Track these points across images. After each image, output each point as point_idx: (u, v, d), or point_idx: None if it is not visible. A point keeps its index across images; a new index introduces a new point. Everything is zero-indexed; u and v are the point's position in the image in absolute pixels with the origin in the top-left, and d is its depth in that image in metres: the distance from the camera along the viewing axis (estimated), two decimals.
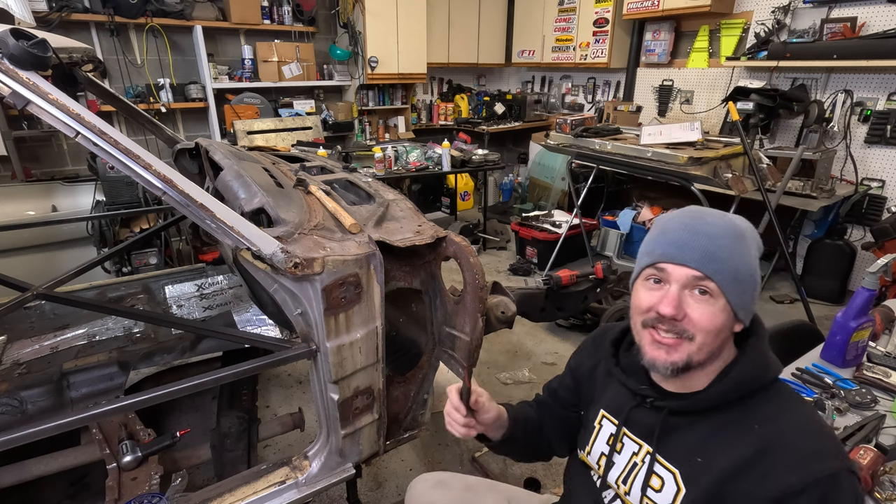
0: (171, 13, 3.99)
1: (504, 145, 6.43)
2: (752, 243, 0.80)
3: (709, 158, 2.80)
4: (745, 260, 0.79)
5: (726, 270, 0.78)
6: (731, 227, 0.80)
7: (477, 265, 1.40)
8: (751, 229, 0.82)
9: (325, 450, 1.40)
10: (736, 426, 0.79)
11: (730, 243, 0.78)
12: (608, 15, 4.83)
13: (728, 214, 0.83)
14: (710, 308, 0.78)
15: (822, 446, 0.75)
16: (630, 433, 0.91)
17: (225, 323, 2.06)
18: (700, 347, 0.79)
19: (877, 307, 1.64)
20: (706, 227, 0.80)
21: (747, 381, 0.79)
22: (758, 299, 0.82)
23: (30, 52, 0.95)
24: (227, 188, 1.44)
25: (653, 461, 0.85)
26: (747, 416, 0.79)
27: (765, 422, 0.77)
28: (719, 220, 0.81)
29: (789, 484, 0.72)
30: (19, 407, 1.58)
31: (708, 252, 0.78)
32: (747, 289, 0.79)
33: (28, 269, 2.69)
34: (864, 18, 3.35)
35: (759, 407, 0.79)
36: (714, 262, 0.77)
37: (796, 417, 0.78)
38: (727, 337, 0.81)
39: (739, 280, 0.78)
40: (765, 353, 0.82)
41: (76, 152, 3.99)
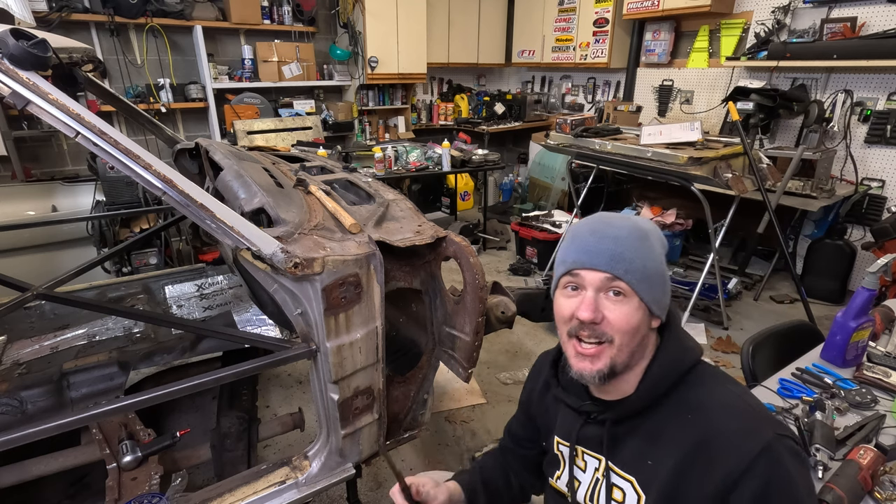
0: (171, 13, 3.99)
1: (504, 145, 6.43)
2: (655, 242, 0.83)
3: (709, 158, 2.80)
4: (651, 257, 0.82)
5: (635, 269, 0.80)
6: (634, 228, 0.83)
7: (477, 265, 1.40)
8: (654, 229, 0.85)
9: (325, 450, 1.40)
10: (673, 420, 0.81)
11: (635, 243, 0.81)
12: (608, 15, 4.83)
13: (631, 217, 0.88)
14: (625, 308, 0.80)
15: (748, 422, 0.77)
16: (587, 450, 0.91)
17: (225, 323, 2.06)
18: (620, 348, 0.80)
19: (877, 307, 1.64)
20: (611, 230, 0.83)
21: (668, 372, 0.82)
22: (668, 294, 0.84)
23: (30, 52, 0.95)
24: (227, 188, 1.44)
25: (608, 473, 0.87)
26: (680, 407, 0.81)
27: (696, 409, 0.80)
28: (623, 223, 0.84)
29: (730, 470, 0.73)
30: (19, 407, 1.58)
31: (615, 254, 0.80)
32: (657, 285, 0.82)
33: (28, 269, 2.68)
34: (864, 18, 3.35)
35: (688, 395, 0.81)
36: (622, 263, 0.80)
37: (721, 397, 0.80)
38: (646, 335, 0.83)
39: (648, 277, 0.81)
40: (680, 340, 0.84)
41: (76, 152, 3.99)
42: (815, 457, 1.08)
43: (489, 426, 2.37)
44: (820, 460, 1.07)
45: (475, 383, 2.66)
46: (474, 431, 2.34)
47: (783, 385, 1.38)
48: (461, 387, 2.61)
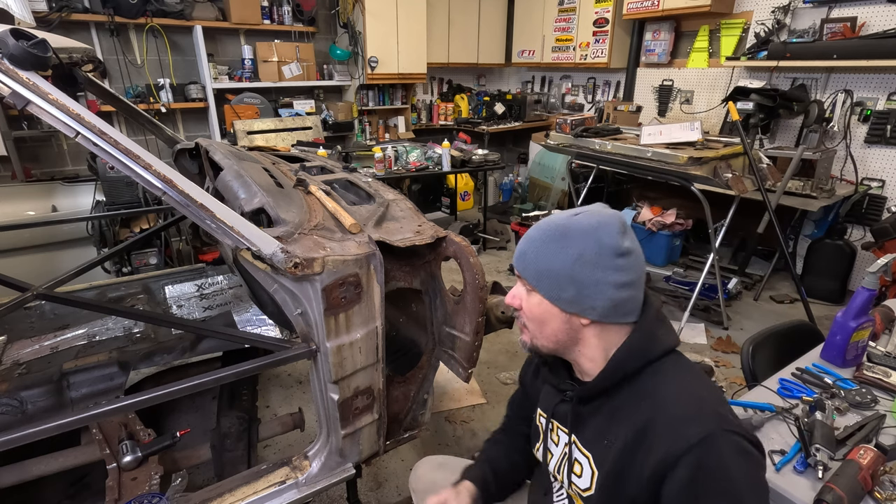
0: (171, 13, 3.99)
1: (504, 145, 6.43)
2: (573, 243, 0.83)
3: (709, 158, 2.80)
4: (556, 258, 0.84)
5: (530, 269, 0.87)
6: (550, 229, 0.86)
7: (477, 265, 1.40)
8: (582, 230, 0.83)
9: (325, 450, 1.40)
10: (629, 403, 0.84)
11: (538, 245, 0.86)
12: (608, 15, 4.83)
13: (564, 216, 0.87)
14: (531, 300, 0.89)
15: (695, 413, 0.77)
16: (560, 425, 0.97)
17: (225, 323, 2.06)
18: (535, 335, 0.90)
19: (877, 307, 1.64)
20: (532, 231, 0.90)
21: (627, 359, 0.84)
22: (589, 294, 0.83)
23: (30, 52, 0.95)
24: (227, 188, 1.44)
25: (571, 448, 0.93)
26: (638, 392, 0.83)
27: (649, 395, 0.82)
28: (544, 224, 0.88)
29: (663, 456, 0.75)
30: (19, 407, 1.58)
31: (520, 253, 0.90)
32: (562, 285, 0.84)
33: (28, 269, 2.69)
34: (864, 18, 3.35)
35: (647, 382, 0.83)
36: (522, 262, 0.89)
37: (677, 386, 0.82)
38: (571, 328, 0.86)
39: (545, 278, 0.85)
40: (648, 331, 0.85)
41: (76, 152, 3.99)
42: (815, 457, 1.08)
43: (489, 426, 2.37)
44: (820, 460, 1.07)
45: (475, 383, 2.66)
46: (474, 431, 2.34)
47: (783, 385, 1.38)
48: (461, 387, 2.61)
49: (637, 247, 0.85)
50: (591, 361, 0.88)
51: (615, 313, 0.84)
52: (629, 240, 0.83)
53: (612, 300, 0.83)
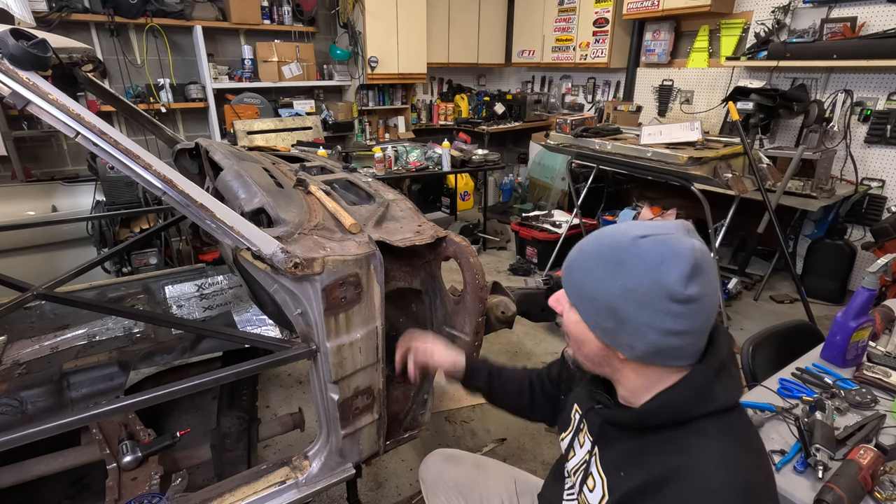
0: (171, 13, 3.99)
1: (504, 145, 6.43)
2: (625, 273, 0.71)
3: (709, 158, 2.80)
4: (601, 284, 0.73)
5: (572, 285, 0.79)
6: (605, 247, 0.75)
7: (477, 265, 1.40)
8: (641, 261, 0.70)
9: (325, 450, 1.40)
10: (657, 451, 0.76)
11: (587, 262, 0.77)
12: (608, 15, 4.83)
13: (628, 235, 0.73)
14: (570, 315, 0.81)
15: (717, 488, 0.68)
16: (588, 432, 0.93)
17: (225, 323, 2.06)
18: (574, 349, 0.84)
19: (877, 307, 1.64)
20: (587, 242, 0.79)
21: (669, 407, 0.75)
22: (632, 334, 0.72)
23: (30, 52, 0.95)
24: (227, 188, 1.44)
25: (590, 462, 0.88)
26: (671, 444, 0.75)
27: (681, 453, 0.73)
28: (602, 238, 0.77)
29: None
30: (19, 407, 1.58)
31: (568, 263, 0.81)
32: (602, 314, 0.74)
33: (28, 269, 2.69)
34: (864, 18, 3.35)
35: (686, 438, 0.74)
36: (567, 274, 0.80)
37: (715, 456, 0.71)
38: (606, 356, 0.78)
39: (586, 300, 0.76)
40: (702, 384, 0.74)
41: (76, 152, 3.99)
42: (815, 457, 1.08)
43: (489, 426, 2.37)
44: (820, 460, 1.07)
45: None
46: (474, 431, 2.34)
47: (783, 385, 1.38)
48: (461, 387, 2.61)
49: (707, 293, 0.70)
50: (628, 391, 0.81)
51: (657, 357, 0.74)
52: (698, 285, 0.68)
53: (654, 345, 0.72)
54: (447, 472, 1.30)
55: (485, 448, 2.21)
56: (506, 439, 2.27)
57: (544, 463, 2.13)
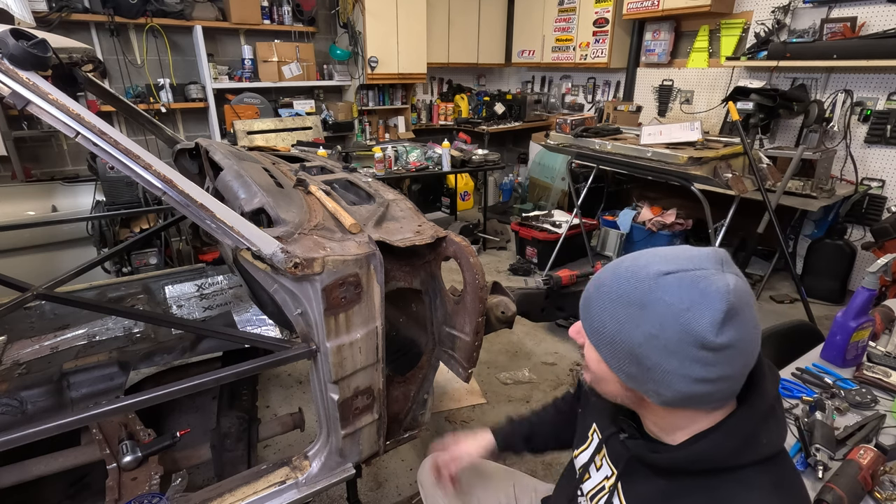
0: (171, 13, 3.99)
1: (504, 145, 6.43)
2: (649, 318, 0.64)
3: (709, 158, 2.80)
4: (623, 327, 0.66)
5: (590, 324, 0.72)
6: (627, 287, 0.67)
7: (477, 265, 1.40)
8: (666, 306, 0.63)
9: (325, 450, 1.40)
10: (695, 498, 0.70)
11: (606, 301, 0.69)
12: (608, 15, 4.83)
13: (651, 271, 0.65)
14: (590, 353, 0.74)
15: None
16: (608, 456, 0.88)
17: (225, 323, 2.06)
18: (593, 381, 0.77)
19: (877, 307, 1.64)
20: (606, 275, 0.71)
21: (711, 456, 0.68)
22: (658, 381, 0.66)
23: (30, 52, 0.95)
24: (227, 188, 1.44)
25: (613, 494, 0.82)
26: (707, 492, 0.69)
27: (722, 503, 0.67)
28: (623, 274, 0.68)
29: None
30: (19, 407, 1.58)
31: (586, 298, 0.73)
32: (623, 359, 0.68)
33: (28, 269, 2.69)
34: (864, 18, 3.35)
35: (727, 486, 0.68)
36: (585, 310, 0.73)
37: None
38: (631, 397, 0.73)
39: (606, 342, 0.69)
40: (749, 433, 0.68)
41: (76, 152, 3.99)
42: (815, 457, 1.08)
43: (489, 426, 2.36)
44: (820, 460, 1.07)
45: (475, 383, 2.66)
46: (474, 431, 2.33)
47: (783, 385, 1.38)
48: (461, 387, 2.61)
49: (743, 337, 0.62)
50: (656, 427, 0.75)
51: (689, 403, 0.67)
52: (732, 330, 0.61)
53: (684, 393, 0.65)
54: None
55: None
56: None
57: (544, 463, 2.13)
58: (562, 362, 2.88)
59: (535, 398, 2.56)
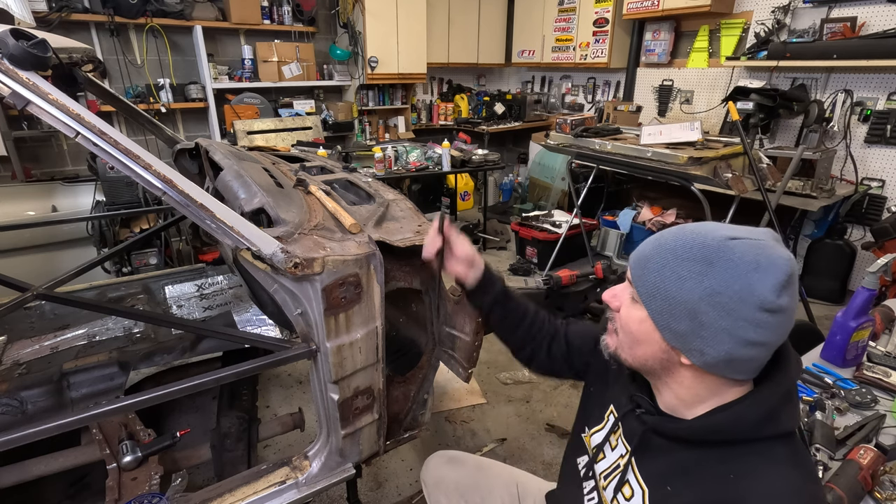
0: (171, 13, 3.99)
1: (504, 145, 6.43)
2: (715, 275, 0.67)
3: (709, 158, 2.80)
4: (685, 283, 0.69)
5: (647, 281, 0.74)
6: (693, 245, 0.70)
7: None
8: (734, 264, 0.67)
9: (325, 450, 1.40)
10: (712, 469, 0.72)
11: (670, 258, 0.71)
12: (608, 15, 4.83)
13: (718, 234, 0.70)
14: (632, 312, 0.77)
15: None
16: (623, 434, 0.89)
17: (225, 323, 2.06)
18: (621, 345, 0.80)
19: (877, 307, 1.64)
20: (667, 236, 0.74)
21: (735, 425, 0.71)
22: (706, 340, 0.69)
23: (30, 52, 0.95)
24: (227, 188, 1.44)
25: (627, 470, 0.84)
26: (728, 463, 0.71)
27: (744, 476, 0.69)
28: (689, 234, 0.72)
29: None
30: (19, 407, 1.58)
31: (642, 257, 0.76)
32: (678, 315, 0.70)
33: (28, 269, 2.69)
34: (864, 18, 3.35)
35: (745, 458, 0.71)
36: (640, 268, 0.75)
37: (779, 485, 0.68)
38: (670, 361, 0.75)
39: (661, 298, 0.72)
40: (771, 406, 0.71)
41: (76, 152, 3.99)
42: (815, 457, 1.08)
43: (489, 426, 2.37)
44: (820, 460, 1.07)
45: (475, 383, 2.66)
46: (474, 431, 2.34)
47: None
48: (461, 387, 2.61)
49: (793, 306, 0.68)
50: (676, 398, 0.77)
51: (725, 368, 0.70)
52: (787, 297, 0.66)
53: (728, 354, 0.68)
54: (448, 475, 1.29)
55: (485, 448, 2.21)
56: (506, 439, 2.27)
57: (544, 463, 2.13)
58: None
59: (535, 398, 2.57)
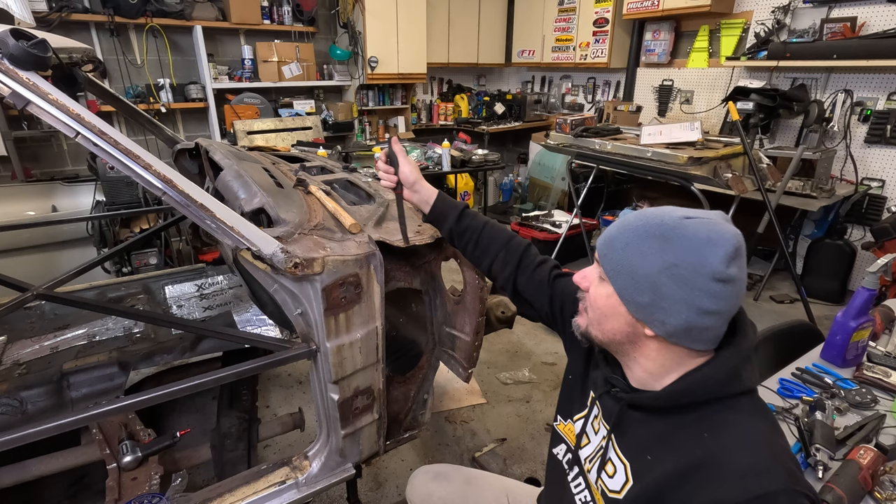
0: (171, 13, 3.99)
1: (504, 145, 6.43)
2: (672, 249, 0.74)
3: (709, 158, 2.80)
4: (645, 258, 0.75)
5: (612, 258, 0.80)
6: (653, 224, 0.77)
7: None
8: (688, 239, 0.73)
9: (326, 450, 1.40)
10: (687, 432, 0.77)
11: (632, 237, 0.78)
12: (608, 15, 4.83)
13: (674, 215, 0.77)
14: (600, 289, 0.83)
15: (766, 464, 0.71)
16: (603, 418, 0.92)
17: (225, 323, 2.06)
18: (591, 323, 0.86)
19: (877, 307, 1.64)
20: (631, 218, 0.81)
21: (702, 387, 0.77)
22: (667, 310, 0.75)
23: (30, 52, 0.95)
24: (227, 188, 1.44)
25: (608, 449, 0.88)
26: (701, 423, 0.76)
27: (717, 432, 0.75)
28: (648, 216, 0.79)
29: (720, 499, 0.69)
30: (19, 407, 1.58)
31: (609, 237, 0.82)
32: (641, 288, 0.76)
33: (28, 269, 2.69)
34: (864, 18, 3.35)
35: (716, 415, 0.76)
36: (607, 248, 0.82)
37: (751, 433, 0.74)
38: (636, 333, 0.80)
39: (625, 273, 0.78)
40: (733, 366, 0.76)
41: (76, 152, 3.99)
42: (815, 457, 1.08)
43: (489, 426, 2.37)
44: (820, 460, 1.07)
45: (475, 383, 2.66)
46: (474, 431, 2.34)
47: (783, 385, 1.38)
48: (461, 387, 2.61)
49: (742, 277, 0.74)
50: (644, 371, 0.82)
51: (685, 337, 0.76)
52: (736, 267, 0.73)
53: (687, 323, 0.74)
54: (436, 492, 1.26)
55: (485, 448, 2.21)
56: (506, 439, 2.27)
57: (544, 463, 2.13)
58: (561, 362, 2.88)
59: (535, 398, 2.57)
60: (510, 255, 1.15)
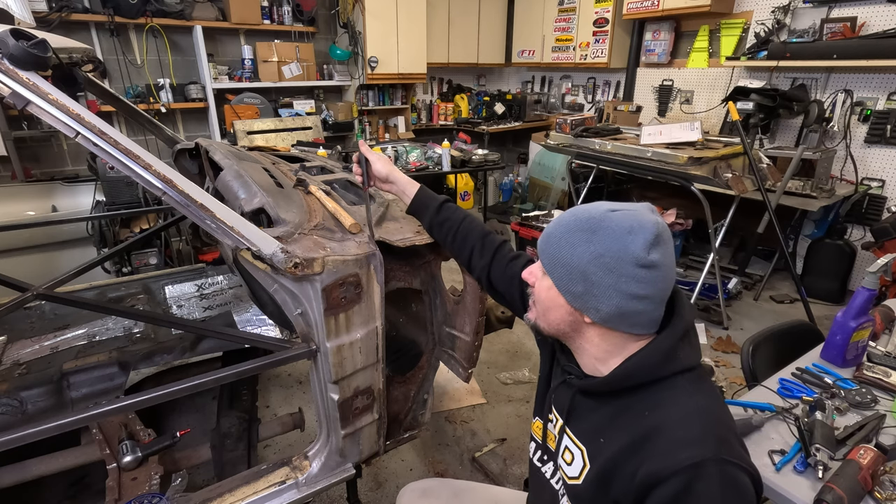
0: (171, 13, 3.99)
1: (504, 145, 6.43)
2: (598, 240, 0.78)
3: (709, 158, 2.80)
4: (575, 250, 0.80)
5: (548, 253, 0.85)
6: (582, 219, 0.82)
7: None
8: (612, 229, 0.78)
9: (326, 450, 1.40)
10: (632, 411, 0.82)
11: (564, 232, 0.83)
12: (608, 15, 4.83)
13: (601, 209, 0.82)
14: (542, 283, 0.88)
15: (697, 436, 0.74)
16: (556, 407, 0.97)
17: (225, 323, 2.06)
18: (538, 315, 0.90)
19: (877, 307, 1.64)
20: (565, 215, 0.86)
21: (640, 369, 0.81)
22: (599, 296, 0.79)
23: (30, 52, 0.95)
24: (227, 188, 1.44)
25: (562, 435, 0.92)
26: (643, 403, 0.81)
27: (656, 408, 0.79)
28: (579, 211, 0.84)
29: (655, 471, 0.73)
30: (19, 407, 1.58)
31: (546, 234, 0.87)
32: (574, 279, 0.81)
33: (28, 269, 2.69)
34: (864, 18, 3.35)
35: (656, 395, 0.81)
36: (544, 243, 0.87)
37: (685, 407, 0.78)
38: (577, 321, 0.84)
39: (560, 266, 0.83)
40: (668, 347, 0.81)
41: (76, 152, 3.99)
42: (816, 457, 1.08)
43: (489, 426, 2.37)
44: (820, 460, 1.07)
45: (475, 383, 2.66)
46: (474, 431, 2.34)
47: (783, 385, 1.38)
48: (461, 387, 2.61)
49: (667, 262, 0.78)
50: (591, 358, 0.87)
51: (621, 322, 0.80)
52: (659, 253, 0.77)
53: (619, 308, 0.79)
54: None
55: (485, 448, 2.21)
56: (506, 439, 2.27)
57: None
58: None
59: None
60: (486, 248, 1.20)
